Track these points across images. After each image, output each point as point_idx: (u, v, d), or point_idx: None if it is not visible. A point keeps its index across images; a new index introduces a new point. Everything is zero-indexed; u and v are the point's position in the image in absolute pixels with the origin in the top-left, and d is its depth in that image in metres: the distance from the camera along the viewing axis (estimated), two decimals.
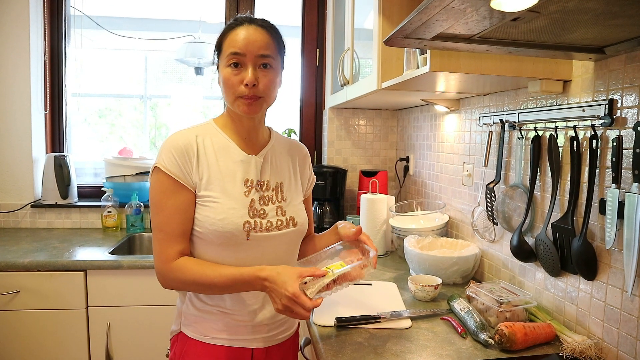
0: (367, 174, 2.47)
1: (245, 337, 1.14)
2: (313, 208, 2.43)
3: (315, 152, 2.87)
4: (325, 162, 2.72)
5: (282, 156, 1.22)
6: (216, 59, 1.14)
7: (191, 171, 1.07)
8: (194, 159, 1.08)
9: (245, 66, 1.07)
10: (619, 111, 1.07)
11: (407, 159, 2.48)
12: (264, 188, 1.14)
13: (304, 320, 1.08)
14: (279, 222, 1.14)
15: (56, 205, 2.50)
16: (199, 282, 1.05)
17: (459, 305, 1.31)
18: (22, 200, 2.49)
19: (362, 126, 2.68)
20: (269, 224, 1.12)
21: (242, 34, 1.07)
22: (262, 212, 1.12)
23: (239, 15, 1.13)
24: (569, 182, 1.21)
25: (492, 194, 1.54)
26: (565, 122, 1.24)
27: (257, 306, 1.15)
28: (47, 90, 2.60)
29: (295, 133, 2.74)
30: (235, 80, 1.07)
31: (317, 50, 2.79)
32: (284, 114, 2.90)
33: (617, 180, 1.05)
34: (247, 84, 1.05)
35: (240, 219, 1.08)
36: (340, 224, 1.24)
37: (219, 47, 1.12)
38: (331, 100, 2.50)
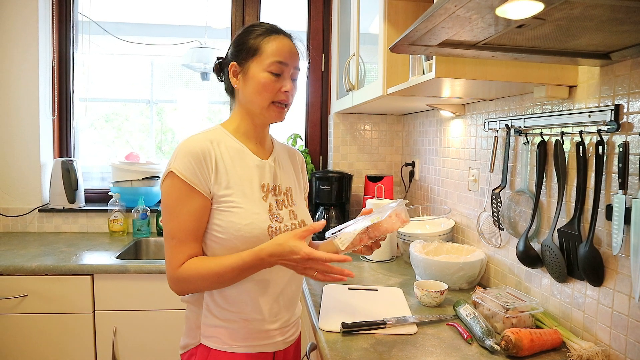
0: (373, 179, 2.47)
1: (267, 341, 1.15)
2: (319, 213, 2.44)
3: (320, 157, 2.88)
4: (330, 167, 2.73)
5: (285, 161, 1.27)
6: (243, 59, 1.13)
7: (208, 177, 1.07)
8: (212, 165, 1.08)
9: (284, 75, 1.13)
10: (625, 117, 1.07)
11: (412, 164, 2.48)
12: (277, 192, 1.17)
13: (330, 275, 1.03)
14: (293, 226, 1.16)
15: (63, 210, 2.52)
16: (205, 277, 1.04)
17: (465, 311, 1.31)
18: (30, 205, 2.51)
19: (368, 131, 2.68)
20: (285, 228, 1.14)
21: (288, 45, 1.14)
22: (278, 216, 1.14)
23: (267, 22, 1.17)
24: (575, 188, 1.20)
25: (498, 199, 1.54)
26: (571, 128, 1.24)
27: (277, 310, 1.16)
28: (55, 95, 2.63)
29: (301, 138, 2.74)
30: (275, 87, 1.12)
31: (323, 55, 2.81)
32: (289, 118, 2.89)
33: (623, 186, 1.04)
34: (286, 91, 1.13)
35: (264, 223, 1.09)
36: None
37: (254, 49, 1.12)
38: (337, 105, 2.51)
